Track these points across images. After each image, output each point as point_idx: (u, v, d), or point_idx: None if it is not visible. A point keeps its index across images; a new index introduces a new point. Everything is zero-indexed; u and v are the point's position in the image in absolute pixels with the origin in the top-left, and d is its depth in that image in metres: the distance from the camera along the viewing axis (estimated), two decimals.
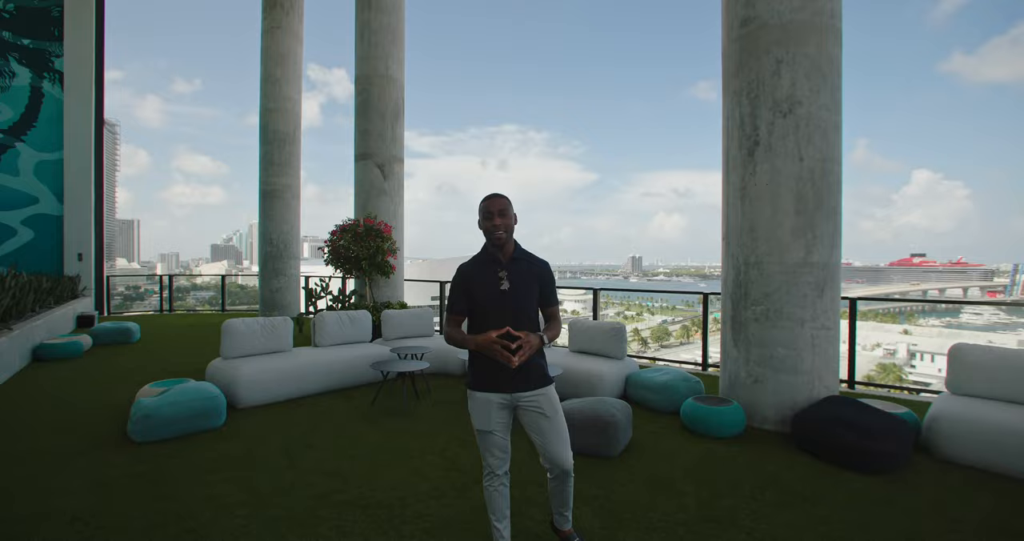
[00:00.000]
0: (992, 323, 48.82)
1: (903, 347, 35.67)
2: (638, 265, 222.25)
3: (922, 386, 9.37)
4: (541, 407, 2.09)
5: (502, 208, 2.09)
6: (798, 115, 3.96)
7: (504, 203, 2.11)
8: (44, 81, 11.00)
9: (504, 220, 2.08)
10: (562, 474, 2.14)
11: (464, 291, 2.14)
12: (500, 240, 2.09)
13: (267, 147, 11.04)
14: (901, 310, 51.38)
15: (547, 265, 2.22)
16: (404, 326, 6.26)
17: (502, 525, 2.17)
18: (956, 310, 54.71)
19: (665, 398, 4.47)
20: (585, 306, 70.12)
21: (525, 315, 2.10)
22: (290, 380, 4.73)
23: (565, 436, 2.13)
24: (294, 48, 11.44)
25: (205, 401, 3.80)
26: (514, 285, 2.09)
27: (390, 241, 7.74)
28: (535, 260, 2.21)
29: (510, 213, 2.12)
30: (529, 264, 2.17)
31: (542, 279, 2.17)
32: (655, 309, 65.61)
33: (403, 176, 8.97)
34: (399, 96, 8.94)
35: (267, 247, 10.84)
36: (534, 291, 2.14)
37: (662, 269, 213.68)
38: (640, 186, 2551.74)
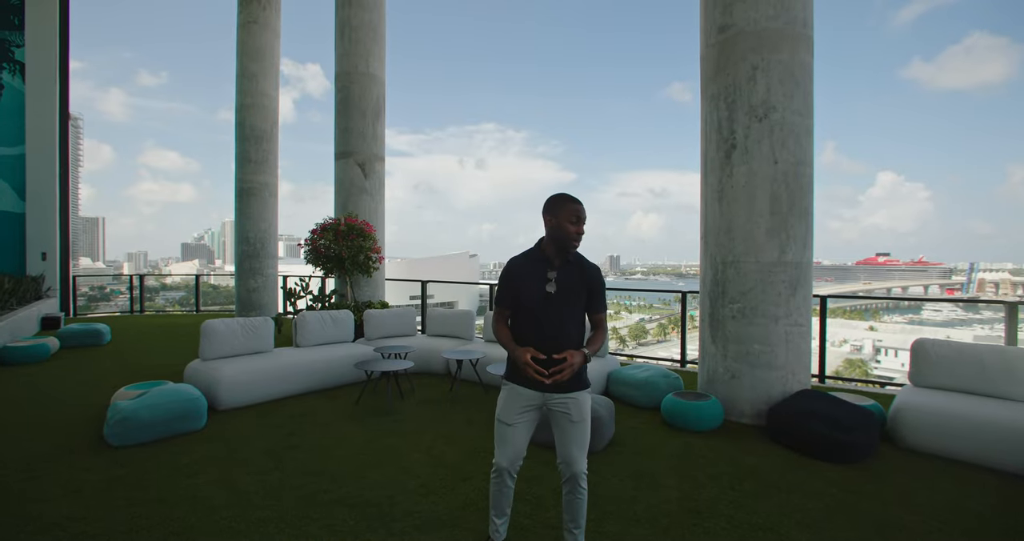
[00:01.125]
0: (951, 319, 51.07)
1: (869, 343, 37.01)
2: (616, 264, 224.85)
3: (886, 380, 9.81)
4: (570, 411, 2.07)
5: (584, 215, 2.06)
6: (773, 120, 4.11)
7: (582, 210, 2.07)
8: (3, 72, 10.55)
9: (583, 225, 2.07)
10: (572, 478, 2.11)
11: (511, 288, 2.13)
12: (576, 247, 2.09)
13: (243, 144, 10.81)
14: (868, 307, 53.23)
15: (598, 270, 2.16)
16: (387, 326, 6.24)
17: (500, 521, 2.22)
18: (918, 307, 56.97)
19: (645, 394, 4.58)
20: None
21: (570, 319, 2.06)
22: (272, 381, 4.68)
23: (585, 442, 2.12)
24: (271, 43, 11.23)
25: (185, 403, 3.74)
26: (561, 288, 2.06)
27: (372, 240, 7.69)
28: (586, 264, 2.15)
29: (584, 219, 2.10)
30: (580, 268, 2.12)
31: (591, 285, 2.12)
32: (633, 307, 66.50)
33: (384, 175, 8.92)
34: (380, 94, 8.88)
35: (244, 246, 10.62)
36: (582, 296, 2.10)
37: (639, 268, 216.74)
38: (617, 186, 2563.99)
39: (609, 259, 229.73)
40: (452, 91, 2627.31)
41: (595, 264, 2.16)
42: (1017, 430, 3.18)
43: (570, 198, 2.09)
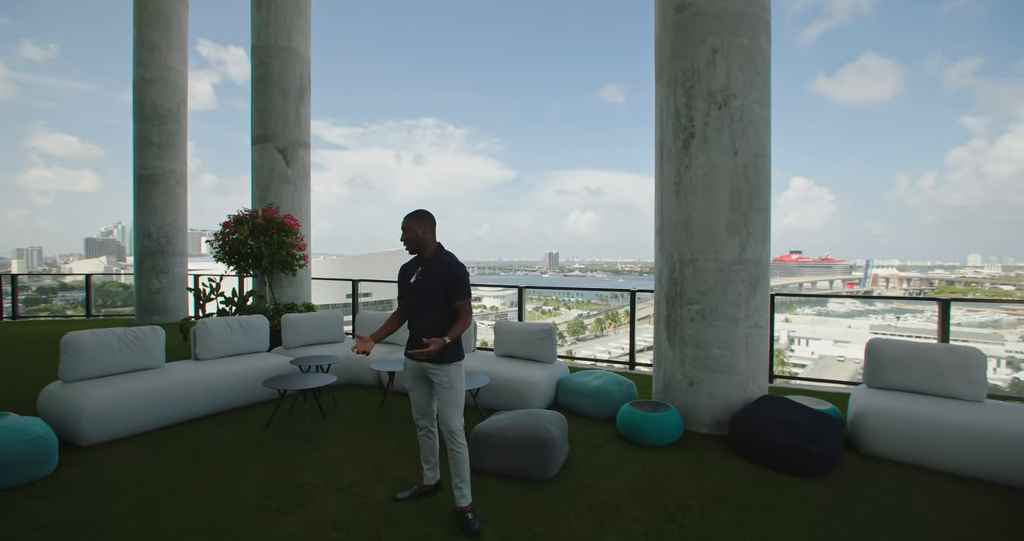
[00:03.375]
0: (851, 311, 56.10)
1: (784, 334, 39.75)
2: (555, 261, 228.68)
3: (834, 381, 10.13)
4: (440, 380, 2.61)
5: (405, 226, 2.68)
6: (733, 108, 3.83)
7: (406, 222, 2.69)
8: None
9: (406, 233, 2.68)
10: (449, 435, 2.60)
11: (399, 281, 2.81)
12: (409, 249, 2.71)
13: (143, 125, 9.45)
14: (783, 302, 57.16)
15: (455, 267, 2.64)
16: (308, 332, 5.48)
17: (427, 467, 2.90)
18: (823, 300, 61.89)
19: (598, 404, 4.20)
20: (504, 301, 70.55)
21: (430, 303, 2.62)
22: (159, 405, 3.84)
23: (455, 404, 2.62)
24: (177, 10, 9.90)
25: (22, 444, 2.88)
26: (423, 280, 2.65)
27: (295, 235, 6.84)
28: (449, 263, 2.66)
29: (413, 228, 2.67)
30: (441, 265, 2.65)
31: (446, 278, 2.61)
32: (571, 304, 67.62)
33: (309, 163, 8.02)
34: (304, 72, 7.96)
35: (145, 241, 9.30)
36: (438, 286, 2.60)
37: (577, 265, 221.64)
38: (556, 184, 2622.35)
39: (548, 256, 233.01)
40: (391, 86, 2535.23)
41: (458, 263, 2.67)
42: (977, 433, 3.07)
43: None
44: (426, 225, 2.68)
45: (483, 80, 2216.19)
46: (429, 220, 2.70)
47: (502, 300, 72.08)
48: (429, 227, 2.69)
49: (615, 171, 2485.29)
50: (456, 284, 2.59)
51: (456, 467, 2.61)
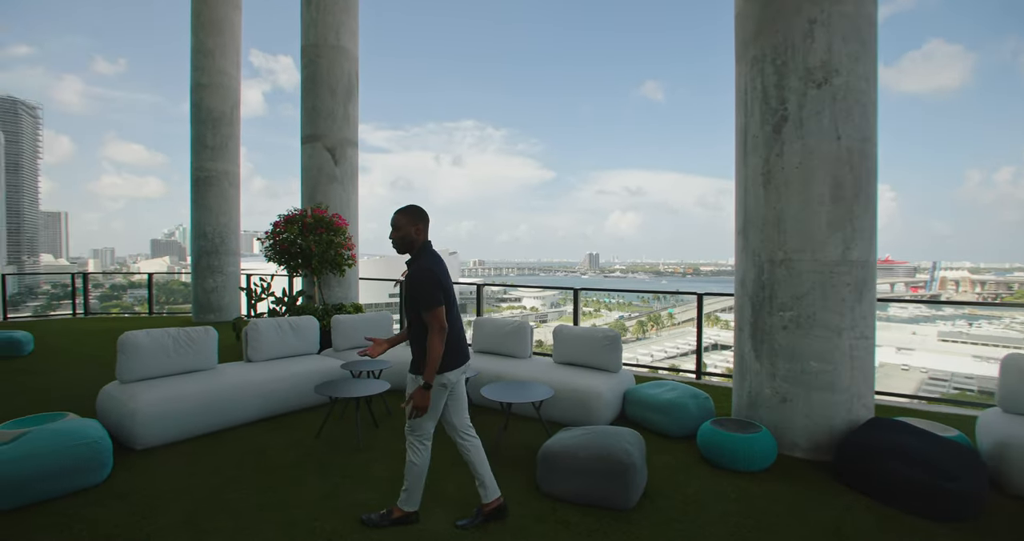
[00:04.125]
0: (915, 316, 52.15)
1: None
2: (595, 262, 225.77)
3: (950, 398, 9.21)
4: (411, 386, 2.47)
5: (393, 224, 2.47)
6: (835, 86, 3.34)
7: (395, 219, 2.47)
8: None
9: (395, 232, 2.46)
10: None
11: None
12: (398, 249, 2.49)
13: (200, 128, 9.68)
14: None
15: (417, 270, 2.39)
16: (358, 333, 5.31)
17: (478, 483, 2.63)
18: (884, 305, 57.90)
19: (673, 420, 3.79)
20: (544, 302, 69.84)
21: (411, 312, 2.43)
22: (211, 408, 3.72)
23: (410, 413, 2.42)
24: (231, 16, 10.10)
25: (75, 450, 2.77)
26: (405, 286, 2.47)
27: (344, 235, 6.74)
28: (417, 267, 2.41)
29: (403, 226, 2.45)
30: (413, 269, 2.44)
31: (409, 285, 2.40)
32: (612, 305, 66.41)
33: (357, 162, 7.94)
34: (352, 71, 7.89)
35: (201, 241, 9.52)
36: (410, 294, 2.40)
37: (618, 266, 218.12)
38: (595, 184, 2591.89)
39: (588, 257, 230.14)
40: (432, 88, 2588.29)
41: (424, 267, 2.37)
42: None
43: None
44: (419, 223, 2.47)
45: (523, 81, 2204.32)
46: (421, 217, 2.48)
47: (542, 301, 71.64)
48: (422, 225, 2.48)
49: (656, 170, 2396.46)
50: (418, 290, 2.34)
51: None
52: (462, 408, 2.62)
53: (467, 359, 2.55)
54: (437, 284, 2.33)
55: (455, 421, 2.59)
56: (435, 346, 2.29)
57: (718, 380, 5.67)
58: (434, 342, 2.29)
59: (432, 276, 2.33)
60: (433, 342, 2.29)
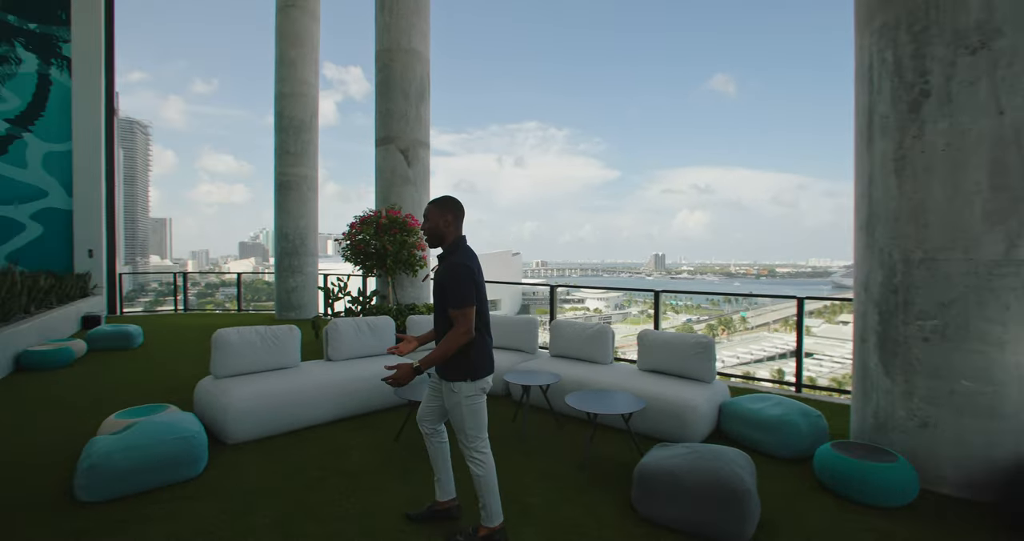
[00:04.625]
0: None
1: None
2: (661, 263, 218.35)
3: None
4: (445, 399, 2.32)
5: (426, 215, 2.33)
6: (996, 50, 2.78)
7: (427, 210, 2.32)
8: (52, 68, 10.39)
9: (425, 223, 2.32)
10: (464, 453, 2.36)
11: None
12: (430, 243, 2.34)
13: (282, 135, 10.22)
14: None
15: (448, 266, 2.22)
16: None
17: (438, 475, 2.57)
18: None
19: (781, 440, 3.36)
20: (608, 304, 68.33)
21: (439, 308, 2.28)
22: (295, 406, 3.77)
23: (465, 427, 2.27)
24: (310, 27, 10.58)
25: (176, 443, 2.86)
26: (434, 281, 2.31)
27: (417, 235, 6.78)
28: (449, 263, 2.23)
29: (429, 216, 2.30)
30: (445, 265, 2.25)
31: (440, 280, 2.24)
32: (680, 308, 63.74)
33: (429, 163, 8.00)
34: (424, 73, 7.95)
35: (283, 243, 10.04)
36: (439, 290, 2.24)
37: (686, 267, 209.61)
38: (661, 183, 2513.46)
39: (654, 257, 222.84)
40: (495, 90, 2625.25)
41: (459, 263, 2.19)
42: None
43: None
44: (450, 214, 2.30)
45: (586, 81, 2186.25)
46: (454, 208, 2.31)
47: (606, 302, 70.18)
48: (453, 217, 2.31)
49: (726, 167, 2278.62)
50: (449, 286, 2.18)
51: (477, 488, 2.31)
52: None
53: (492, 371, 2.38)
54: (471, 280, 2.17)
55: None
56: (451, 344, 2.13)
57: (822, 395, 5.07)
58: (452, 340, 2.13)
59: (467, 271, 2.17)
60: (451, 339, 2.13)
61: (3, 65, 9.99)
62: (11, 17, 10.07)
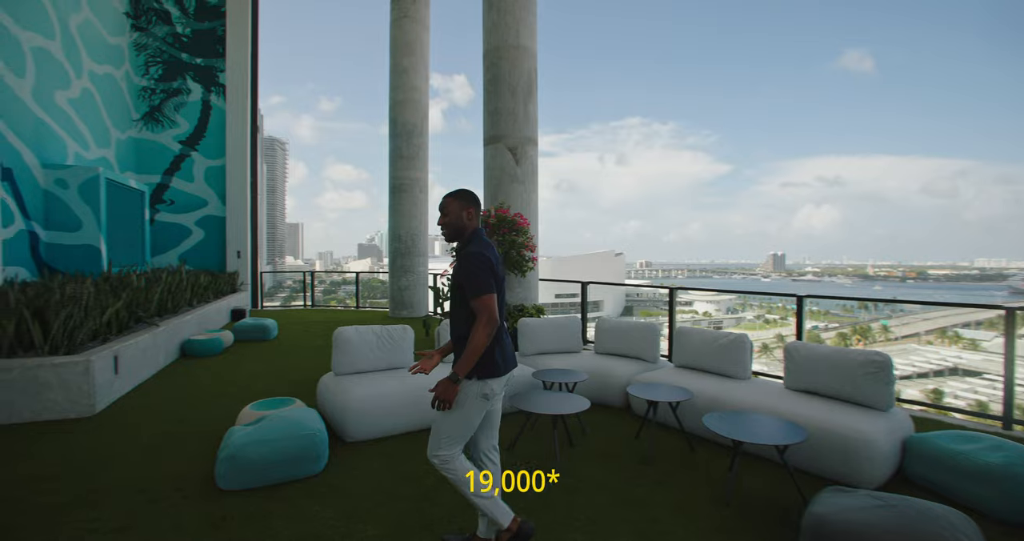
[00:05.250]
0: None
1: None
2: (780, 263, 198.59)
3: None
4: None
5: (442, 207, 2.19)
6: None
7: (445, 203, 2.19)
8: (212, 94, 11.95)
9: (444, 218, 2.19)
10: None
11: None
12: (445, 238, 2.20)
13: (396, 141, 10.70)
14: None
15: (467, 256, 2.08)
16: (545, 338, 5.01)
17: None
18: None
19: (1007, 496, 2.55)
20: (719, 307, 63.45)
21: (456, 303, 2.15)
22: (409, 407, 3.72)
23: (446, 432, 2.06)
24: (421, 35, 10.97)
25: (300, 440, 2.89)
26: (452, 275, 2.16)
27: (526, 234, 6.59)
28: (465, 254, 2.10)
29: (450, 210, 2.17)
30: (460, 257, 2.13)
31: (457, 273, 2.11)
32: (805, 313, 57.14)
33: (537, 161, 7.79)
34: (531, 68, 7.76)
35: (396, 243, 10.51)
36: (456, 282, 2.12)
37: (811, 268, 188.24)
38: (780, 175, 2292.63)
39: (772, 257, 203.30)
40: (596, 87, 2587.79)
41: (474, 252, 2.07)
42: None
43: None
44: (472, 208, 2.19)
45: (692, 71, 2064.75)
46: (473, 201, 2.20)
47: (716, 305, 65.46)
48: (475, 210, 2.20)
49: (860, 155, 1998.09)
50: (465, 278, 2.05)
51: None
52: (493, 425, 2.28)
53: (514, 366, 2.21)
54: (489, 270, 2.04)
55: (480, 439, 2.26)
56: (479, 337, 1.96)
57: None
58: (479, 333, 1.97)
59: (484, 260, 2.05)
60: (479, 332, 1.97)
61: (179, 95, 11.69)
62: (184, 55, 11.76)
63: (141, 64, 11.20)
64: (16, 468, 3.05)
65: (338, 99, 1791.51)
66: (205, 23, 11.90)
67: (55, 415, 3.95)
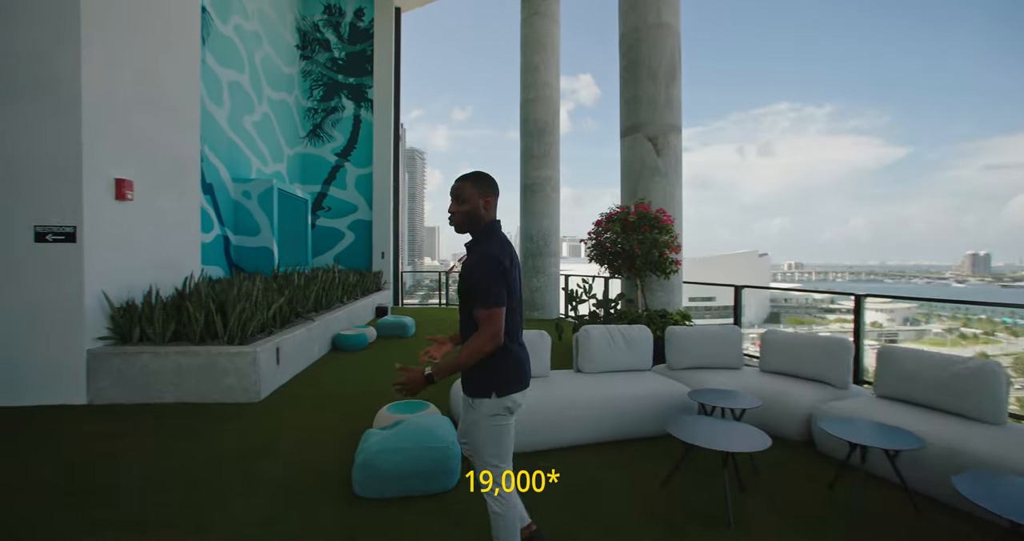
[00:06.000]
0: None
1: None
2: (983, 265, 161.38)
3: None
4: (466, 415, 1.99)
5: (456, 192, 1.93)
6: None
7: (459, 187, 1.93)
8: (361, 109, 13.11)
9: (458, 206, 1.92)
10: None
11: None
12: (456, 229, 1.97)
13: (527, 140, 10.60)
14: None
15: (476, 258, 1.84)
16: (698, 350, 4.31)
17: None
18: None
19: None
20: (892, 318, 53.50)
21: (464, 305, 1.91)
22: (544, 422, 3.37)
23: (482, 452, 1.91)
24: (551, 31, 10.73)
25: (431, 452, 2.70)
26: (460, 275, 1.92)
27: (670, 233, 5.90)
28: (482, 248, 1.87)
29: (466, 196, 1.91)
30: (474, 253, 1.89)
31: (466, 275, 1.86)
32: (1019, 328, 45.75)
33: (680, 150, 6.99)
34: (674, 48, 6.99)
35: (527, 244, 10.39)
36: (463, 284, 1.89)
37: None
38: (980, 157, 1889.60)
39: (970, 258, 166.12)
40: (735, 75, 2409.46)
41: (487, 253, 1.83)
42: None
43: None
44: (491, 196, 1.95)
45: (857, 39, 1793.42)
46: (493, 188, 1.96)
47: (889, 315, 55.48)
48: (492, 198, 1.96)
49: None
50: (473, 282, 1.82)
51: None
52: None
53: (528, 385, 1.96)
54: (501, 278, 1.81)
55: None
56: (473, 350, 1.77)
57: None
58: (474, 346, 1.77)
59: (497, 266, 1.81)
60: (473, 345, 1.78)
61: (335, 113, 13.04)
62: (340, 76, 13.08)
63: (307, 88, 12.68)
64: (200, 444, 3.36)
65: (469, 108, 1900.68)
66: (357, 46, 13.09)
67: (231, 398, 4.38)
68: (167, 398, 4.35)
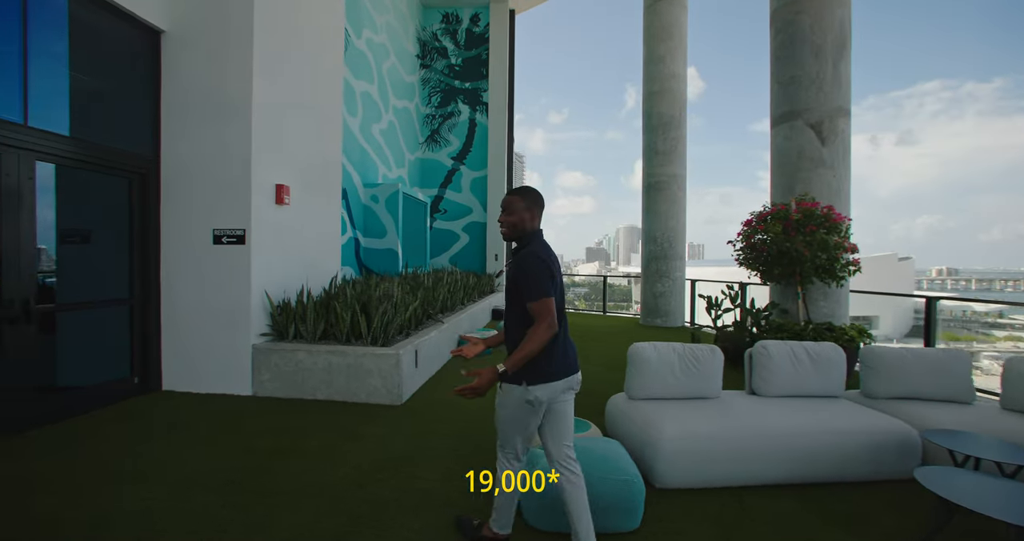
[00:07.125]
0: None
1: None
2: None
3: None
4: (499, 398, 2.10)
5: (506, 205, 2.15)
6: None
7: (509, 201, 2.15)
8: (476, 113, 13.32)
9: (507, 217, 2.13)
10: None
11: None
12: (504, 236, 2.18)
13: (651, 136, 9.94)
14: None
15: (524, 257, 2.04)
16: (910, 378, 3.49)
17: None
18: None
19: None
20: None
21: (512, 305, 2.09)
22: (727, 453, 2.87)
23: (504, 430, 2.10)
24: (679, 17, 9.95)
25: (615, 485, 2.35)
26: (507, 276, 2.14)
27: (842, 232, 5.01)
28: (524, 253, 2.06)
29: (515, 209, 2.12)
30: (518, 257, 2.10)
31: (514, 273, 2.07)
32: None
33: (849, 136, 5.98)
34: (844, 16, 6.02)
35: (650, 246, 9.73)
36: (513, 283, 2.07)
37: None
38: None
39: None
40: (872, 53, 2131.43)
41: (534, 253, 2.03)
42: None
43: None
44: (535, 208, 2.14)
45: None
46: (539, 202, 2.16)
47: None
48: (537, 210, 2.15)
49: None
50: (524, 279, 1.98)
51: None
52: (561, 432, 2.09)
53: (573, 371, 2.07)
54: (548, 273, 1.98)
55: (551, 447, 2.10)
56: (535, 341, 1.89)
57: None
58: (538, 336, 1.90)
59: (542, 264, 1.98)
60: (537, 336, 1.90)
61: (452, 118, 13.40)
62: (456, 82, 13.41)
63: (425, 95, 13.15)
64: (360, 447, 3.36)
65: (565, 111, 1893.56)
66: (472, 51, 13.33)
67: (375, 400, 4.43)
68: (319, 395, 4.52)
